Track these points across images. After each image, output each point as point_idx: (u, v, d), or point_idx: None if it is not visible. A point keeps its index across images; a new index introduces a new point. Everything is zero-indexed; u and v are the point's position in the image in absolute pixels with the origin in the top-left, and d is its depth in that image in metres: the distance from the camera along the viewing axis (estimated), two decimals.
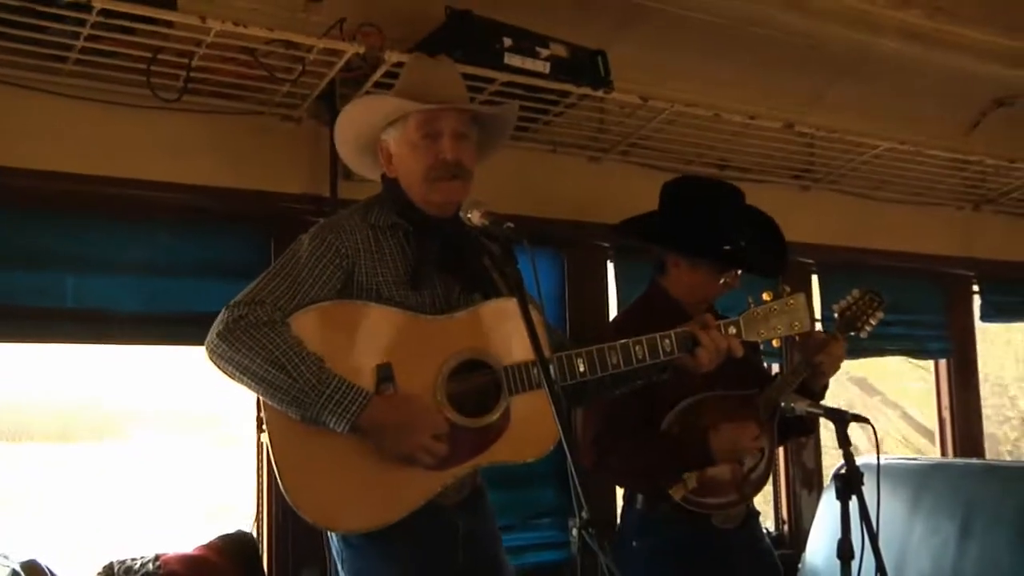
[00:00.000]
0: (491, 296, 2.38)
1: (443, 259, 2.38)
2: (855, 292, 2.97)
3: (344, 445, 2.17)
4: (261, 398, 2.19)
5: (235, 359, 2.13)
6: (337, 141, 2.57)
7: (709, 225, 3.00)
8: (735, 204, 3.08)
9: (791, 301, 2.56)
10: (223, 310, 2.18)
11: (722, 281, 3.02)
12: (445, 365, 2.28)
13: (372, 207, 2.43)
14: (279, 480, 2.15)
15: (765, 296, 2.57)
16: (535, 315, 2.05)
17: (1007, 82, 4.33)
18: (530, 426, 2.31)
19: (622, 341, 2.39)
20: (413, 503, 2.22)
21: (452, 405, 2.27)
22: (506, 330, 2.29)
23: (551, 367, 2.03)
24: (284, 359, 2.10)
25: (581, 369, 2.35)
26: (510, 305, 2.13)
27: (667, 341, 2.42)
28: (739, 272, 3.05)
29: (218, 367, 2.18)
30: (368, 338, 2.25)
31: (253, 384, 2.13)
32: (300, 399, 2.10)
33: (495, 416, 2.30)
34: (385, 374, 2.22)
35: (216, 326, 2.17)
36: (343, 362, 2.18)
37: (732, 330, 2.51)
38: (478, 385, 2.31)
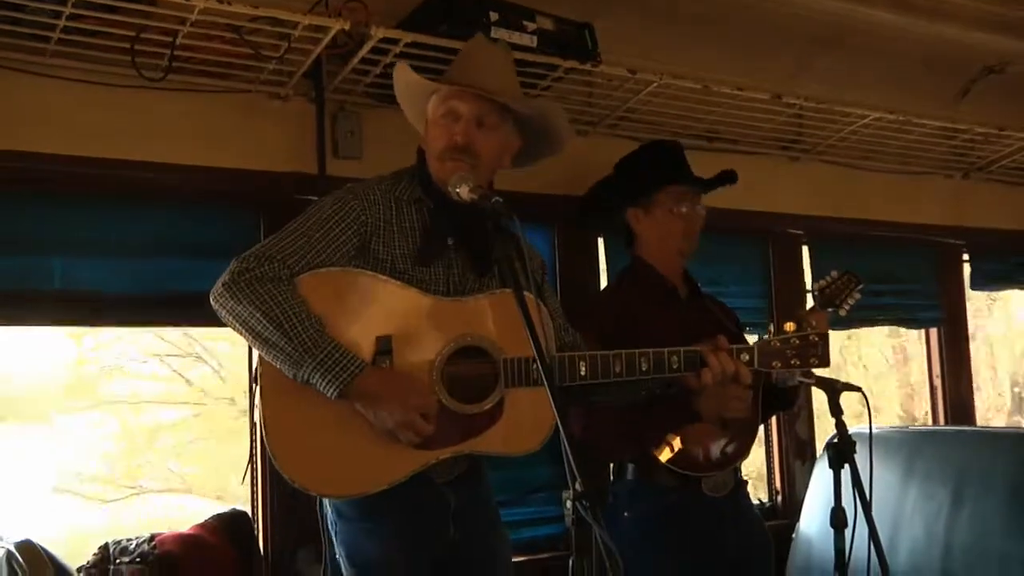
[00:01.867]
0: (507, 283, 2.35)
1: (459, 239, 2.37)
2: (834, 273, 3.00)
3: (334, 411, 2.17)
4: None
5: (236, 310, 2.14)
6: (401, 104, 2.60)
7: (645, 164, 3.12)
8: (671, 147, 3.17)
9: (813, 337, 2.51)
10: (232, 261, 2.19)
11: (683, 210, 3.03)
12: (447, 347, 2.28)
13: (401, 179, 2.43)
14: (265, 437, 2.15)
15: (787, 327, 2.53)
16: (544, 310, 2.12)
17: (997, 49, 4.30)
18: (522, 422, 2.31)
19: (628, 351, 2.37)
20: (397, 475, 2.22)
21: (446, 387, 2.26)
22: (515, 322, 2.22)
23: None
24: (283, 317, 2.11)
25: (583, 372, 2.34)
26: (525, 297, 2.10)
27: (675, 358, 2.41)
28: (697, 199, 3.07)
29: (220, 316, 2.20)
30: (374, 309, 2.25)
31: (250, 338, 2.15)
32: (294, 359, 2.10)
33: (487, 405, 2.29)
34: (384, 347, 2.22)
35: (223, 275, 2.18)
36: (344, 329, 2.19)
37: (745, 357, 2.48)
38: (476, 373, 2.29)
